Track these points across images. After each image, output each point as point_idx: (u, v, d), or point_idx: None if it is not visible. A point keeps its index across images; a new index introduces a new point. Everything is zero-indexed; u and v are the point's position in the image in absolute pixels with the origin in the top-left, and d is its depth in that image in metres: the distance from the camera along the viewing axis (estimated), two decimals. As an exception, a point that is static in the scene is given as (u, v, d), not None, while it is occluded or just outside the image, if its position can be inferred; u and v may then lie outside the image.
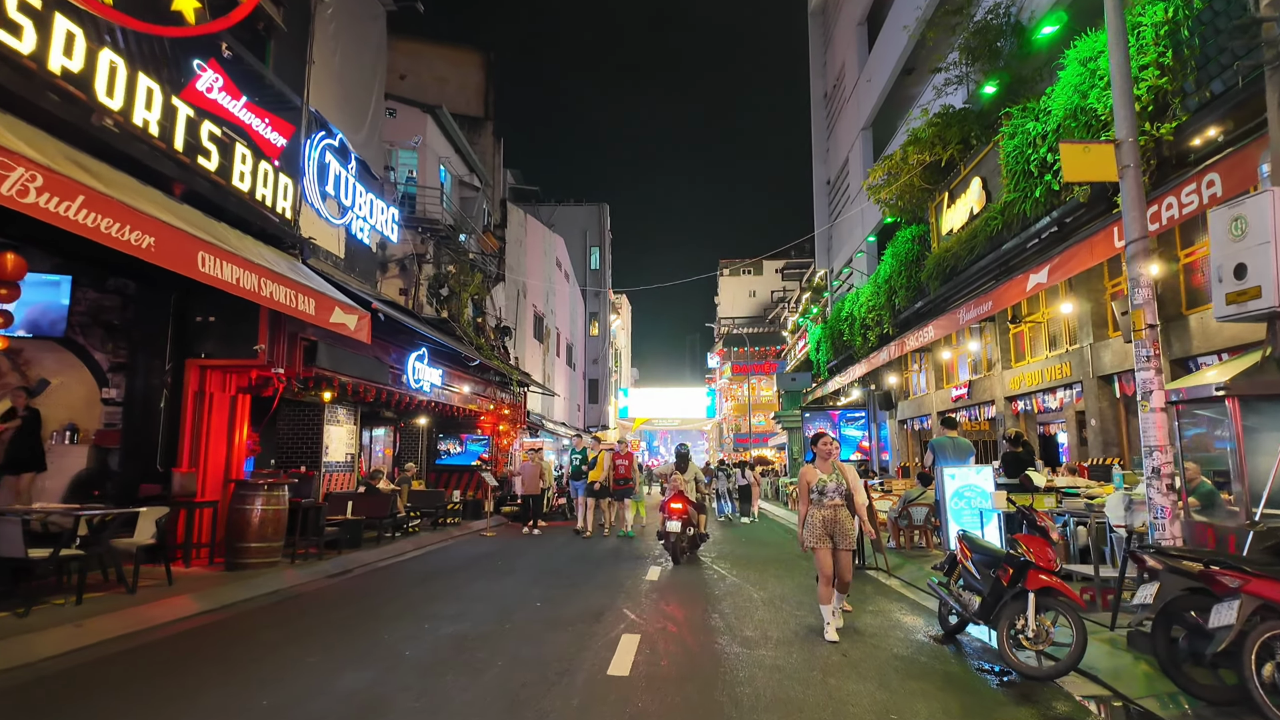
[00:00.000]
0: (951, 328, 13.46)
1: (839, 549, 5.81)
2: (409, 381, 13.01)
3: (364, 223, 12.07)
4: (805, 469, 6.11)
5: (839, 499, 5.86)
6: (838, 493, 5.85)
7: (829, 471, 5.93)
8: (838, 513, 5.83)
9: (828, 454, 5.98)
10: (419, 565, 9.90)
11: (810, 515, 5.89)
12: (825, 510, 5.82)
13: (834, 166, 26.07)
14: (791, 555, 11.14)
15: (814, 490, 5.88)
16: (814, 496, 5.88)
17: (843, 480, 5.89)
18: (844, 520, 5.83)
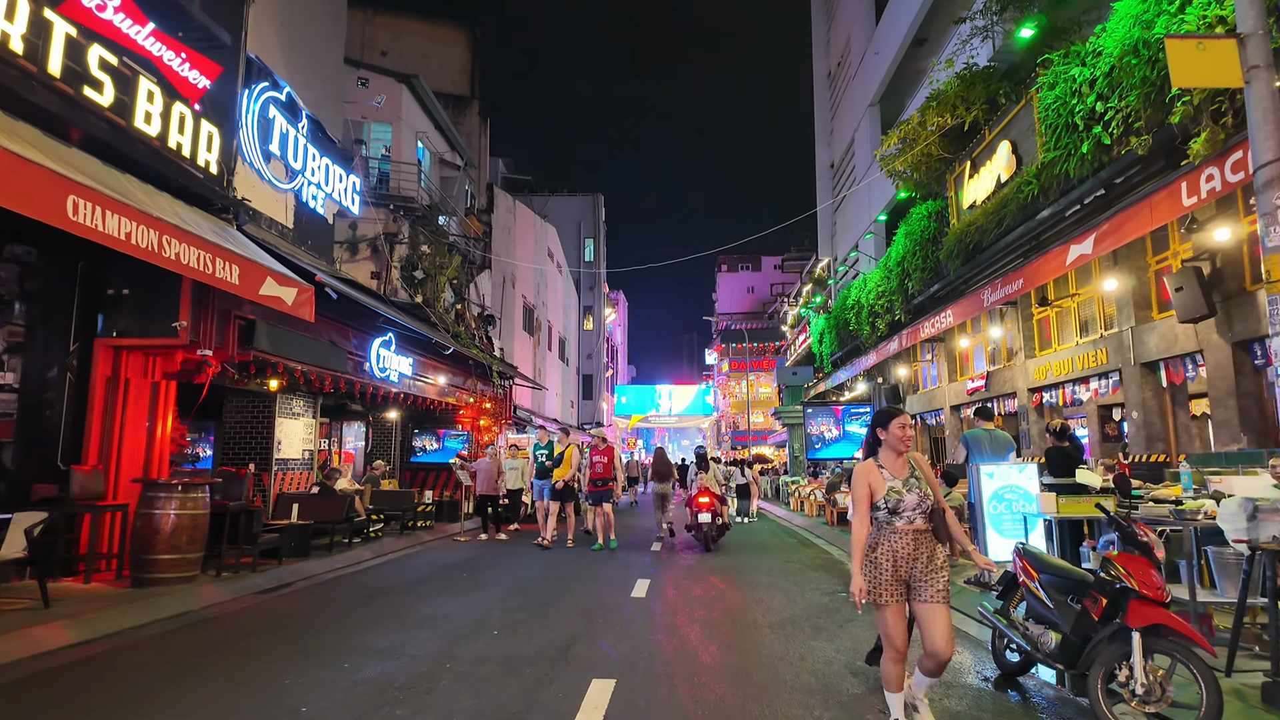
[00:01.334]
0: (973, 311, 12.19)
1: (925, 601, 3.48)
2: (373, 370, 11.71)
3: (318, 190, 10.76)
4: (863, 469, 3.66)
5: (921, 519, 3.54)
6: (920, 510, 3.53)
7: (903, 472, 3.59)
8: (920, 543, 3.51)
9: (903, 443, 3.61)
10: (370, 578, 8.61)
11: (875, 548, 3.55)
12: (900, 539, 3.49)
13: (838, 148, 24.80)
14: (798, 564, 9.87)
15: (882, 505, 3.54)
16: (881, 516, 3.56)
17: (926, 488, 3.58)
18: (933, 555, 3.52)
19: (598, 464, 11.28)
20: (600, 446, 11.45)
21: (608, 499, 11.36)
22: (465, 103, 24.51)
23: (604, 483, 11.31)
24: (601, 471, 11.29)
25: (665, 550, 11.29)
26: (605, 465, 11.26)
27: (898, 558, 3.48)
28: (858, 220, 21.67)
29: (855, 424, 24.72)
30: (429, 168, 18.59)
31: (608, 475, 11.29)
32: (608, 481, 11.31)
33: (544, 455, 11.74)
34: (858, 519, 3.61)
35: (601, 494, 11.36)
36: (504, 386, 19.41)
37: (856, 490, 3.64)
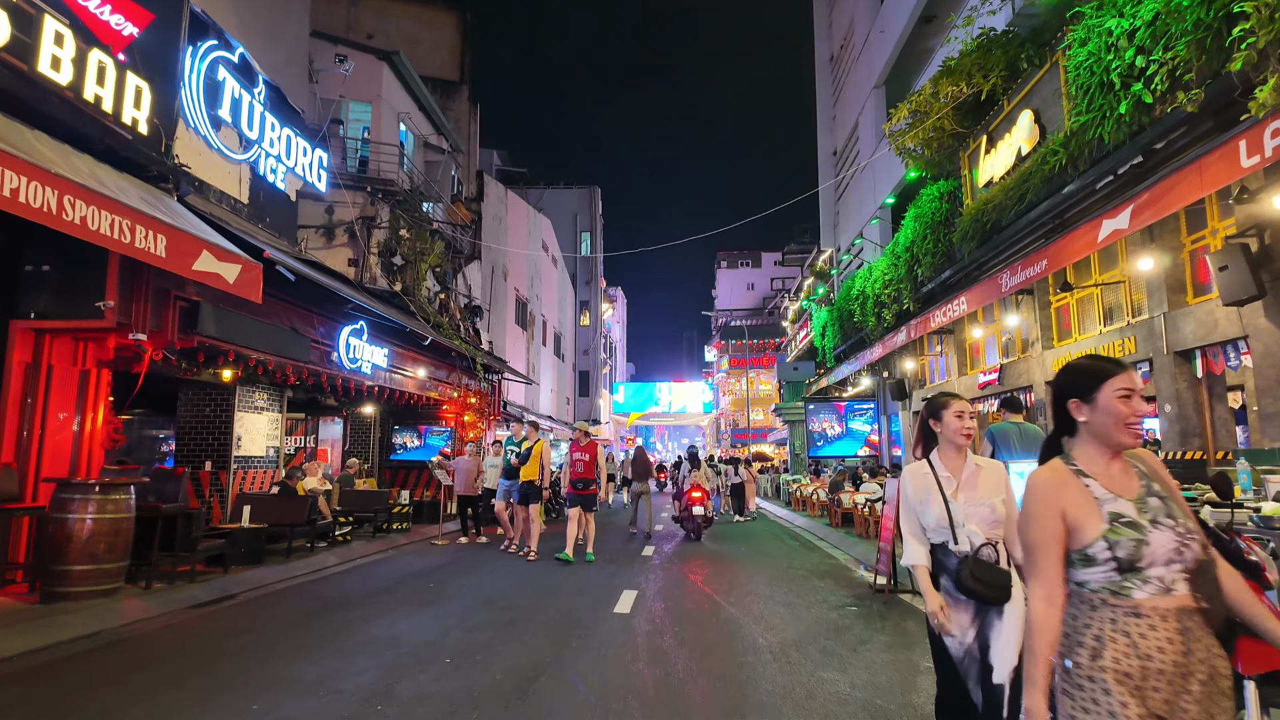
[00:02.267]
0: (990, 297, 11.30)
1: None
2: (342, 361, 10.84)
3: (278, 163, 9.87)
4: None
5: (1186, 583, 1.70)
6: (1183, 562, 1.70)
7: (1128, 484, 1.80)
8: (1194, 638, 1.67)
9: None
10: (326, 588, 7.74)
11: (1082, 650, 1.72)
12: (1153, 630, 1.67)
13: (840, 135, 23.91)
14: (801, 571, 9.00)
15: (1100, 553, 1.73)
16: (1091, 578, 1.75)
17: (1181, 515, 1.76)
18: (1215, 669, 1.68)
19: (578, 462, 9.78)
20: (581, 442, 9.91)
21: (590, 504, 9.86)
22: (454, 88, 23.60)
23: (585, 484, 9.79)
24: (583, 471, 9.76)
25: (658, 556, 10.42)
26: (587, 464, 9.74)
27: (1149, 673, 1.65)
28: (862, 208, 20.77)
29: (858, 420, 23.88)
30: (412, 151, 17.71)
31: (589, 475, 9.77)
32: (590, 483, 9.78)
33: (513, 452, 10.30)
34: (1037, 582, 1.78)
35: (583, 498, 9.81)
36: (491, 381, 18.55)
37: (1034, 525, 1.80)
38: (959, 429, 2.80)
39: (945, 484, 2.74)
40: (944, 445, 2.84)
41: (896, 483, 7.58)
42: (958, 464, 2.78)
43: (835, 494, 13.97)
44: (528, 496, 9.99)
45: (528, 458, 9.91)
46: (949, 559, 2.67)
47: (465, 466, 11.90)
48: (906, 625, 6.12)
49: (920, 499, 2.80)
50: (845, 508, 13.61)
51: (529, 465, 9.89)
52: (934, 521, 2.71)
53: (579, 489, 9.81)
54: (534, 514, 9.98)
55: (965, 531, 2.64)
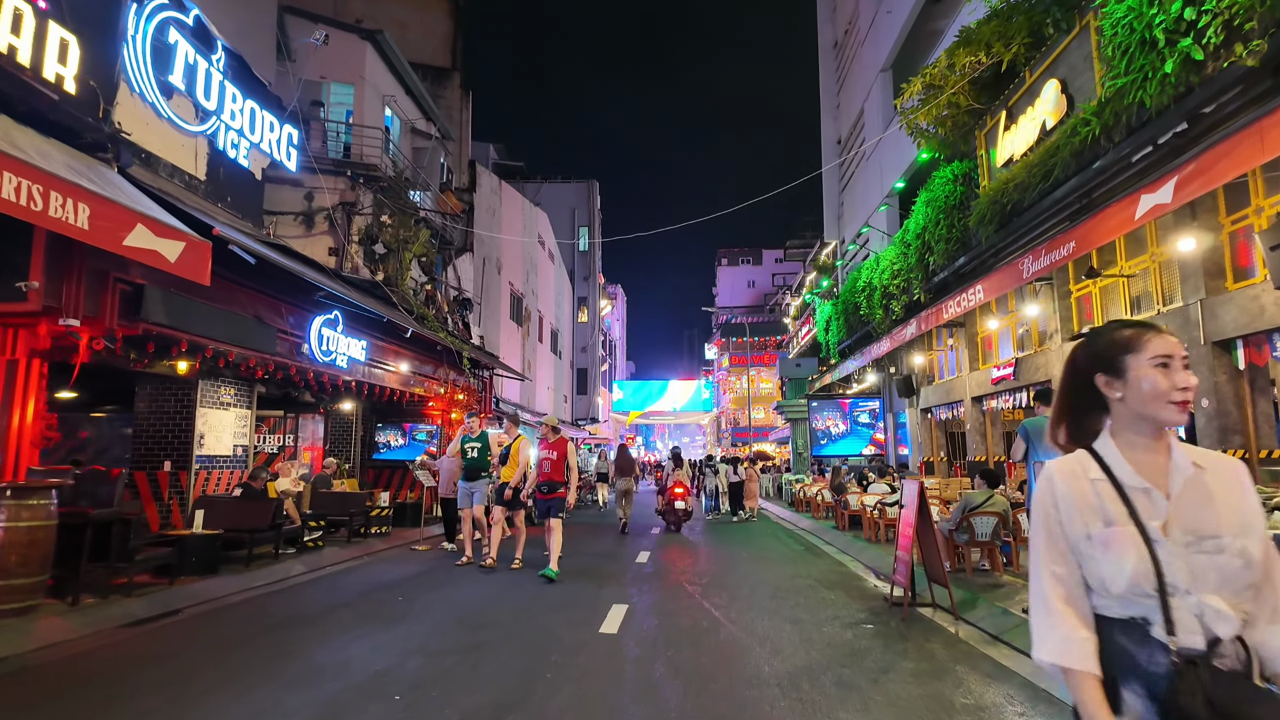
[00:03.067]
0: (1009, 284, 10.54)
1: None
2: (314, 353, 10.09)
3: (240, 137, 9.12)
4: None
5: None
6: None
7: None
8: None
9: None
10: (283, 602, 6.99)
11: None
12: None
13: (845, 122, 23.14)
14: (809, 580, 8.24)
15: None
16: None
17: None
18: None
19: (545, 461, 8.41)
20: (549, 439, 8.50)
21: (558, 509, 8.35)
22: (446, 75, 22.84)
23: (552, 488, 8.35)
24: (550, 472, 8.34)
25: (652, 563, 9.67)
26: (555, 463, 8.34)
27: None
28: (868, 197, 20.01)
29: (864, 417, 23.12)
30: (399, 136, 16.95)
31: (557, 477, 8.35)
32: (557, 486, 8.35)
33: (474, 450, 9.05)
34: None
35: (549, 503, 8.36)
36: (482, 377, 17.80)
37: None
38: (1166, 391, 1.42)
39: (1142, 503, 1.41)
40: (1126, 424, 1.48)
41: (914, 485, 6.82)
42: (1159, 462, 1.44)
43: (841, 495, 13.21)
44: (512, 503, 8.95)
45: (507, 457, 8.83)
46: (1151, 657, 1.34)
47: (449, 467, 11.15)
48: (932, 648, 5.36)
49: (1086, 531, 1.42)
50: (852, 510, 12.86)
51: (508, 466, 8.83)
52: (1125, 581, 1.36)
53: (545, 493, 8.41)
54: (498, 518, 8.95)
55: (1191, 605, 1.34)
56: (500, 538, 9.06)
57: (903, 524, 6.93)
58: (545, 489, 8.45)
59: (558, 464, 8.44)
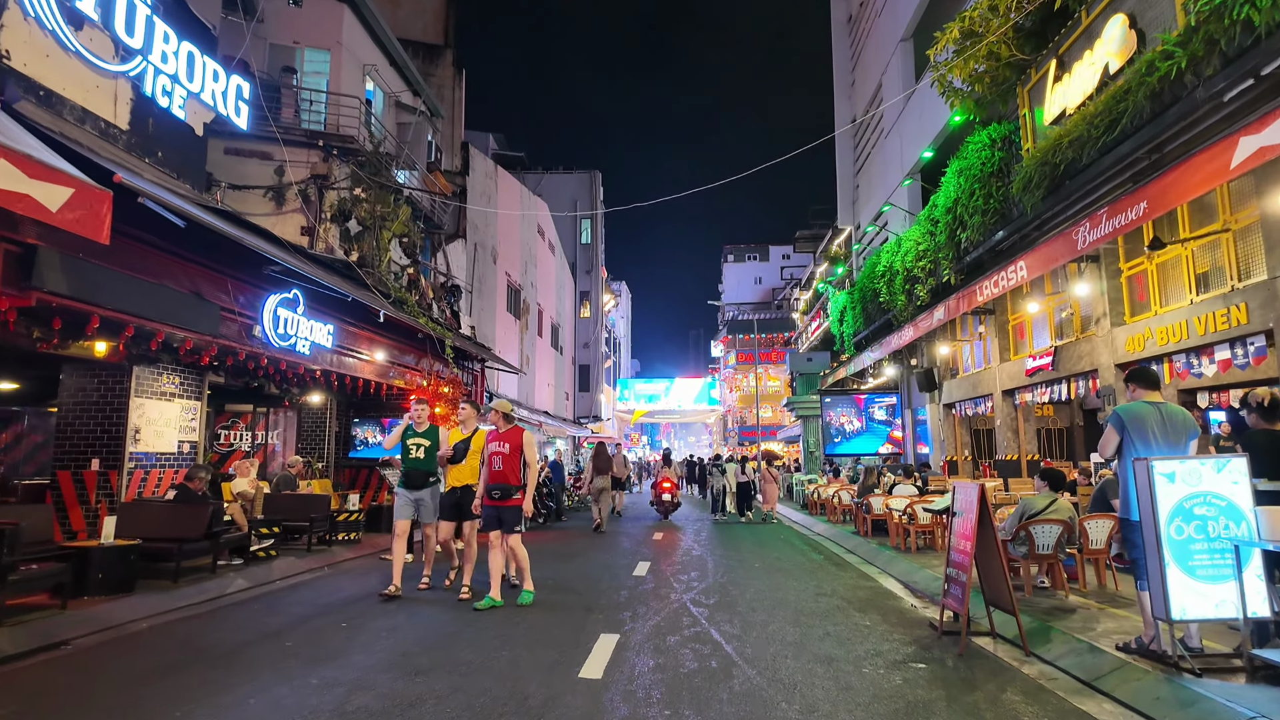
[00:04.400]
0: (1058, 258, 9.24)
1: None
2: (268, 337, 8.87)
3: (174, 84, 7.90)
4: None
5: None
6: None
7: None
8: None
9: None
10: (198, 630, 5.76)
11: None
12: None
13: (860, 100, 21.82)
14: (835, 599, 6.98)
15: None
16: None
17: None
18: None
19: (495, 458, 6.50)
20: (500, 427, 6.60)
21: (513, 521, 6.50)
22: (438, 52, 21.64)
23: (504, 492, 6.43)
24: (501, 471, 6.44)
25: (653, 577, 8.41)
26: (507, 460, 6.47)
27: None
28: (886, 176, 18.69)
29: (881, 413, 21.81)
30: (381, 110, 15.74)
31: (509, 478, 6.45)
32: (511, 491, 6.44)
33: (419, 448, 7.11)
34: None
35: (501, 512, 6.48)
36: (472, 370, 16.57)
37: None
38: None
39: None
40: None
41: (973, 489, 5.53)
42: None
43: (865, 498, 11.93)
44: (459, 510, 7.01)
45: (465, 453, 6.94)
46: None
47: None
48: (1010, 701, 4.10)
49: None
50: (876, 514, 11.58)
51: (463, 464, 6.99)
52: None
53: (494, 498, 6.47)
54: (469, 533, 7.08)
55: None
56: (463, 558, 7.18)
57: (958, 535, 5.65)
58: (495, 493, 6.45)
59: (511, 460, 6.48)
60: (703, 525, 15.42)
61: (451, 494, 7.05)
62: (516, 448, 6.55)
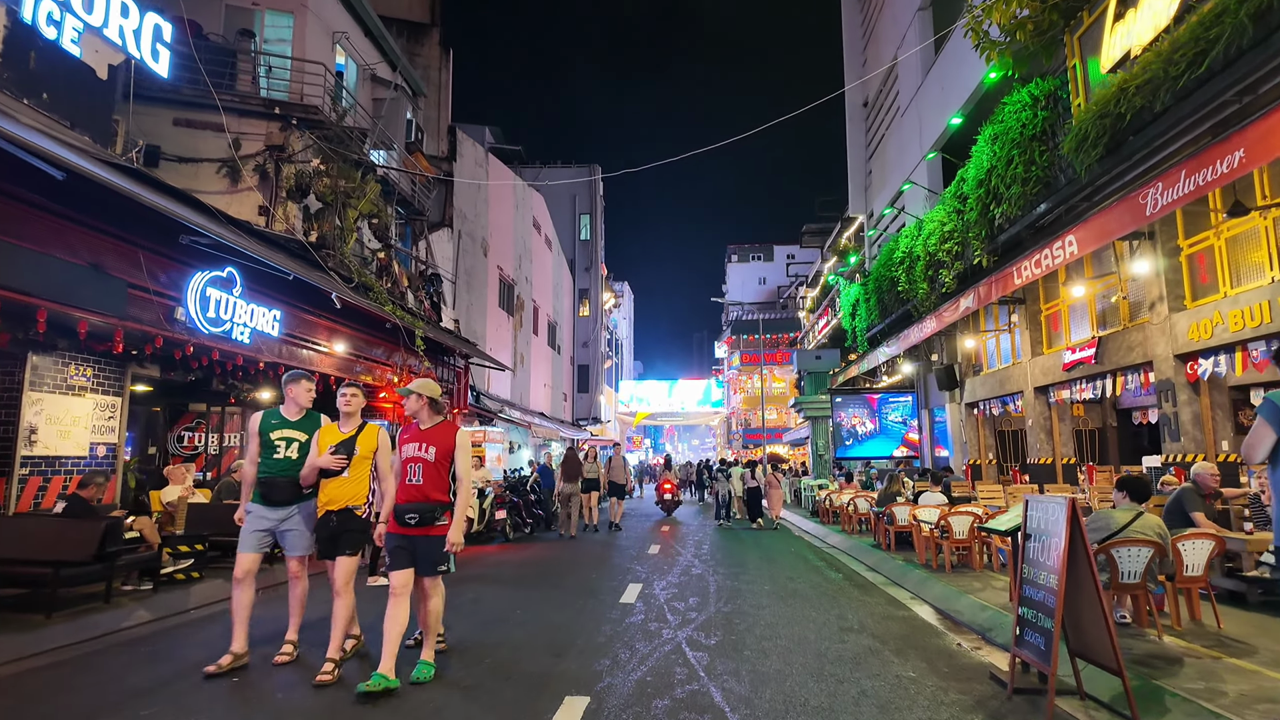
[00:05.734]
0: (1120, 228, 7.90)
1: None
2: (195, 321, 7.58)
3: (65, 12, 6.63)
4: None
5: None
6: None
7: None
8: None
9: None
10: (50, 688, 4.44)
11: None
12: None
13: (873, 80, 20.50)
14: (865, 638, 5.63)
15: None
16: None
17: None
18: None
19: (411, 466, 4.50)
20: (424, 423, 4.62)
21: (433, 558, 4.50)
22: (423, 31, 20.39)
23: (423, 516, 4.43)
24: (421, 484, 4.47)
25: (644, 604, 7.08)
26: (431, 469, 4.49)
27: None
28: (903, 157, 17.36)
29: (895, 413, 20.42)
30: (355, 84, 14.49)
31: (431, 495, 4.47)
32: (434, 514, 4.44)
33: (285, 444, 4.81)
34: None
35: (417, 544, 4.47)
36: (454, 366, 15.28)
37: None
38: None
39: None
40: None
41: (1061, 506, 4.17)
42: None
43: (886, 507, 10.59)
44: (338, 543, 4.68)
45: (352, 453, 4.69)
46: None
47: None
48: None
49: None
50: (900, 526, 10.24)
51: (350, 477, 4.70)
52: None
53: (409, 524, 4.43)
54: (345, 574, 4.68)
55: None
56: (345, 617, 4.72)
57: (1038, 565, 4.31)
58: (410, 518, 4.41)
59: (435, 471, 4.47)
60: (705, 534, 14.08)
61: (325, 522, 4.69)
62: (446, 453, 4.50)
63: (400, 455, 4.57)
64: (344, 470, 4.71)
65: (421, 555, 4.48)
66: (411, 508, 4.45)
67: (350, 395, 4.90)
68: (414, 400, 4.66)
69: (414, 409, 4.67)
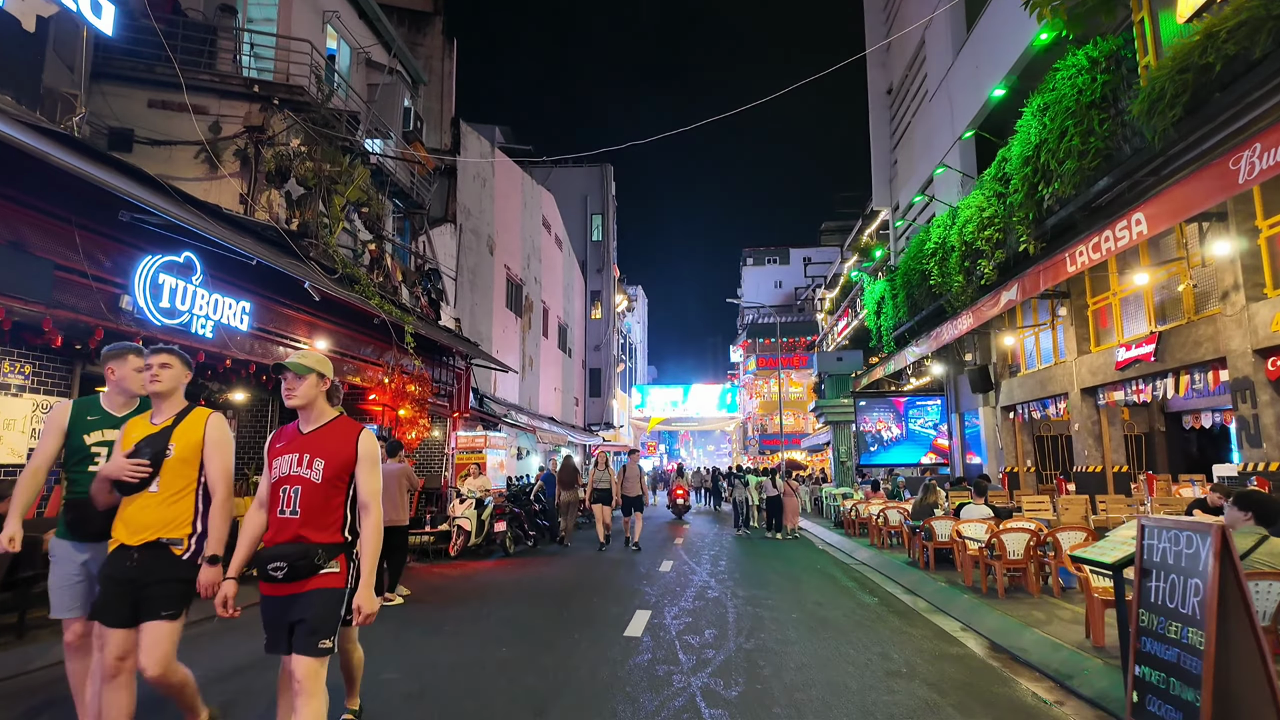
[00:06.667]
0: (1203, 201, 6.82)
1: None
2: (145, 312, 6.72)
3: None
4: None
5: None
6: None
7: None
8: None
9: None
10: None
11: None
12: None
13: (898, 65, 19.45)
14: (909, 682, 4.60)
15: None
16: None
17: None
18: None
19: (286, 490, 2.90)
20: (309, 422, 3.04)
21: (321, 628, 2.83)
22: (426, 20, 19.58)
23: (299, 563, 2.80)
24: (298, 515, 2.86)
25: (650, 638, 6.07)
26: (315, 492, 2.88)
27: None
28: (932, 145, 16.28)
29: (922, 417, 19.29)
30: (348, 68, 13.66)
31: (313, 532, 2.86)
32: (316, 559, 2.83)
33: (106, 450, 3.33)
34: None
35: (295, 605, 2.84)
36: (453, 366, 14.37)
37: None
38: None
39: None
40: None
41: (1209, 536, 3.09)
42: None
43: (923, 520, 9.52)
44: (141, 597, 3.04)
45: (162, 453, 3.13)
46: None
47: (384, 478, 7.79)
48: None
49: None
50: (940, 542, 9.17)
51: (160, 493, 3.12)
52: None
53: (279, 578, 2.81)
54: (159, 654, 3.01)
55: None
56: None
57: (1166, 614, 3.27)
58: (277, 568, 2.81)
59: (318, 496, 2.90)
60: (722, 547, 13.04)
61: (119, 562, 3.07)
62: (340, 468, 2.92)
63: (269, 475, 2.96)
64: (149, 482, 3.09)
65: (304, 625, 2.79)
66: (278, 553, 2.78)
67: (159, 366, 3.22)
68: (300, 385, 2.98)
69: (305, 398, 2.99)
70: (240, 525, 3.06)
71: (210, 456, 3.21)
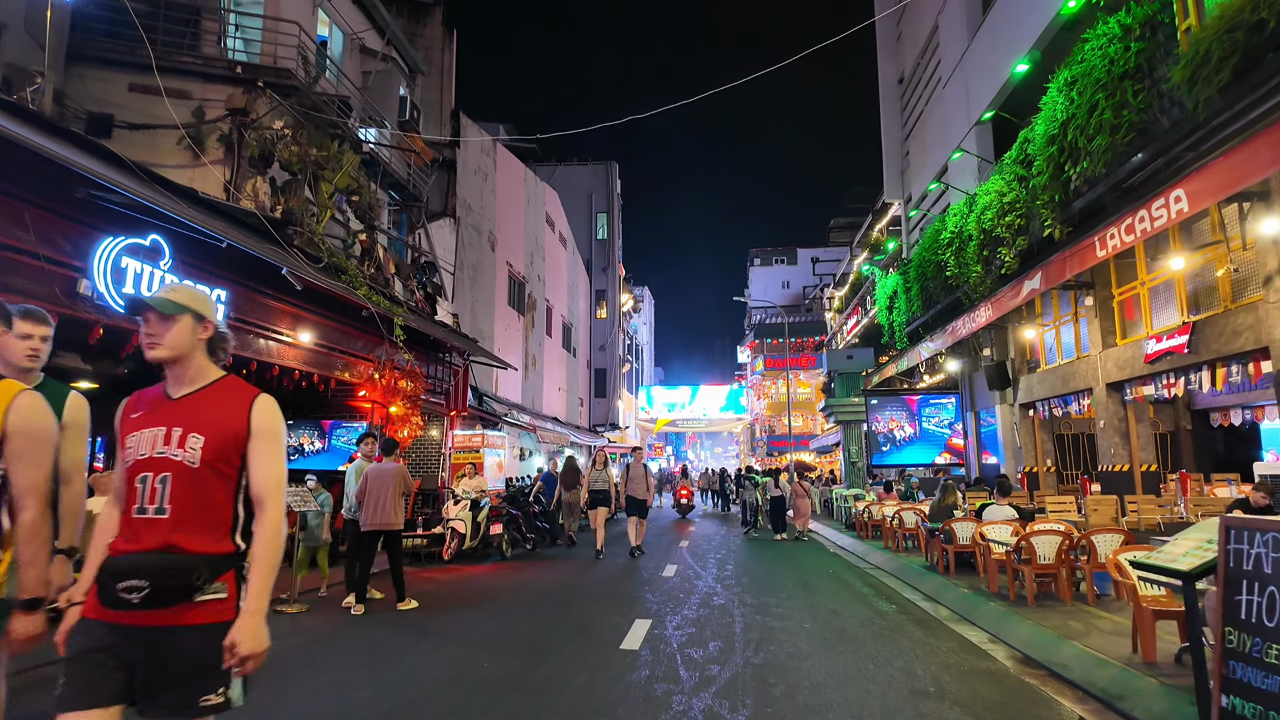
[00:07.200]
0: (1254, 173, 6.23)
1: None
2: (105, 297, 6.25)
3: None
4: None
5: None
6: None
7: None
8: None
9: None
10: None
11: None
12: None
13: (909, 53, 18.88)
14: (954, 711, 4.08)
15: None
16: None
17: None
18: None
19: (145, 477, 1.97)
20: (179, 387, 2.10)
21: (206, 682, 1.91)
22: (425, 10, 19.14)
23: (165, 583, 1.86)
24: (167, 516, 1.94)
25: (649, 651, 5.54)
26: (187, 483, 1.97)
27: None
28: (946, 133, 15.71)
29: (936, 416, 18.68)
30: (341, 54, 13.21)
31: (189, 539, 1.92)
32: (194, 576, 1.88)
33: None
34: None
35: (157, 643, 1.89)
36: (450, 363, 13.88)
37: None
38: None
39: None
40: None
41: None
42: None
43: (942, 522, 8.96)
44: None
45: None
46: None
47: (377, 479, 7.37)
48: None
49: None
50: (961, 545, 8.60)
51: None
52: None
53: (135, 602, 1.85)
54: None
55: None
56: None
57: (1261, 635, 2.72)
58: (131, 589, 1.85)
59: (196, 485, 1.98)
60: (729, 550, 12.50)
61: None
62: (228, 443, 2.04)
63: (122, 457, 2.06)
64: None
65: (158, 674, 1.89)
66: (134, 565, 1.88)
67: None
68: (167, 330, 2.08)
69: (175, 349, 2.08)
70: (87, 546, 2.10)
71: (15, 453, 2.15)
